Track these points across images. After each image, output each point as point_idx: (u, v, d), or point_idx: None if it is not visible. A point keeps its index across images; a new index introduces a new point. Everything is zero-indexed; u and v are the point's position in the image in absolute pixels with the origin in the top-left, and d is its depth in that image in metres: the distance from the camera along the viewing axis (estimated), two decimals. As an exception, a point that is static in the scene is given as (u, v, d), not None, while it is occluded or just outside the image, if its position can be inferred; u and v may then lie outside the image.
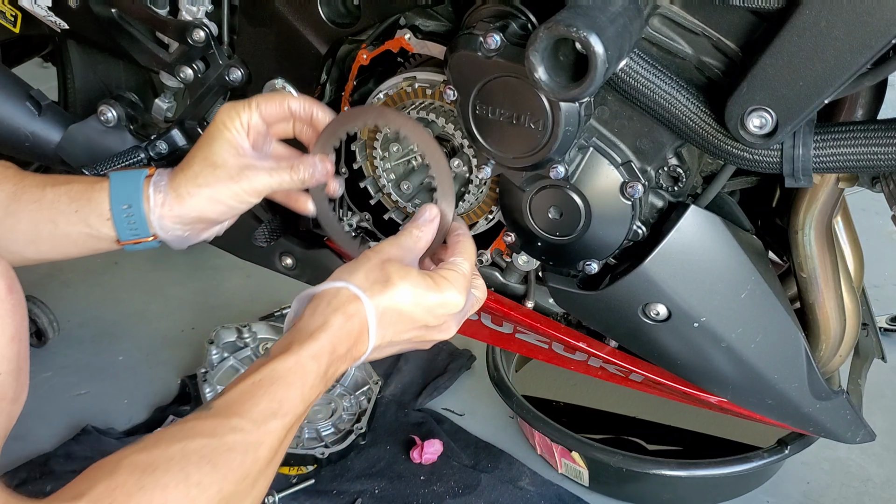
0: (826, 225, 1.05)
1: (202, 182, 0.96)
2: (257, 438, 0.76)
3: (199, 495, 0.70)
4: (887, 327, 1.88)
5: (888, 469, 1.53)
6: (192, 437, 0.73)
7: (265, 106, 0.98)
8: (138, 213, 0.96)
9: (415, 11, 1.07)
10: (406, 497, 1.48)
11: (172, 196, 0.97)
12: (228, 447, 0.74)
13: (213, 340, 1.72)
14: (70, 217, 0.96)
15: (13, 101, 1.31)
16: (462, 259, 0.95)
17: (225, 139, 0.97)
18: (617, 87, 0.93)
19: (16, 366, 0.80)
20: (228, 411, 0.77)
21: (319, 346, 0.84)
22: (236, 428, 0.75)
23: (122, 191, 0.96)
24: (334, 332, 0.85)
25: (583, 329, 1.20)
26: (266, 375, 0.80)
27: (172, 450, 0.72)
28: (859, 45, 0.79)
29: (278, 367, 0.81)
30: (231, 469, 0.73)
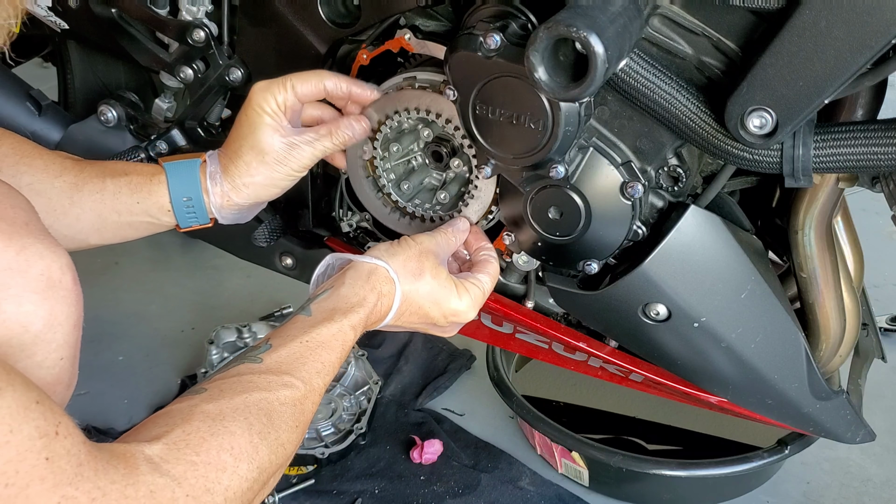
0: (826, 225, 1.05)
1: (254, 171, 1.02)
2: (304, 394, 0.85)
3: (259, 442, 0.78)
4: (887, 327, 1.88)
5: (888, 469, 1.53)
6: (251, 391, 0.81)
7: (300, 86, 1.01)
8: (198, 205, 1.04)
9: (415, 11, 1.07)
10: (406, 497, 1.48)
11: (229, 187, 1.03)
12: (281, 402, 0.82)
13: (213, 340, 1.72)
14: (132, 208, 1.03)
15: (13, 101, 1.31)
16: (488, 279, 1.05)
17: (266, 125, 1.00)
18: (617, 87, 0.93)
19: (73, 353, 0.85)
20: (279, 369, 0.85)
21: (358, 318, 0.94)
22: (288, 384, 0.84)
23: (180, 185, 1.03)
24: (370, 308, 0.95)
25: (583, 329, 1.20)
26: (313, 338, 0.89)
27: (236, 401, 0.79)
28: (859, 45, 0.79)
29: (323, 332, 0.90)
30: (283, 420, 0.81)
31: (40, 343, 0.80)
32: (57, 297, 0.81)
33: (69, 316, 0.82)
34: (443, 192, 1.12)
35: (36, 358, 0.80)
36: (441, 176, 1.14)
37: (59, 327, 0.81)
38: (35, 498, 0.62)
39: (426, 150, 1.12)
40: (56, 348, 0.82)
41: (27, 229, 0.80)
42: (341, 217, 1.26)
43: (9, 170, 0.99)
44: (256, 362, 0.85)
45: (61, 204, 1.01)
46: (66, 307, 0.82)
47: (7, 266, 0.77)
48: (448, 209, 1.12)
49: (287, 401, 0.83)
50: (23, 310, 0.78)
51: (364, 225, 1.26)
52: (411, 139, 1.12)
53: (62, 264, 0.81)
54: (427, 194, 1.15)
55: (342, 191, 1.24)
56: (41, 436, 0.63)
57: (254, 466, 0.77)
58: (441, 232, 1.06)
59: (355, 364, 1.70)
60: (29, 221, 0.81)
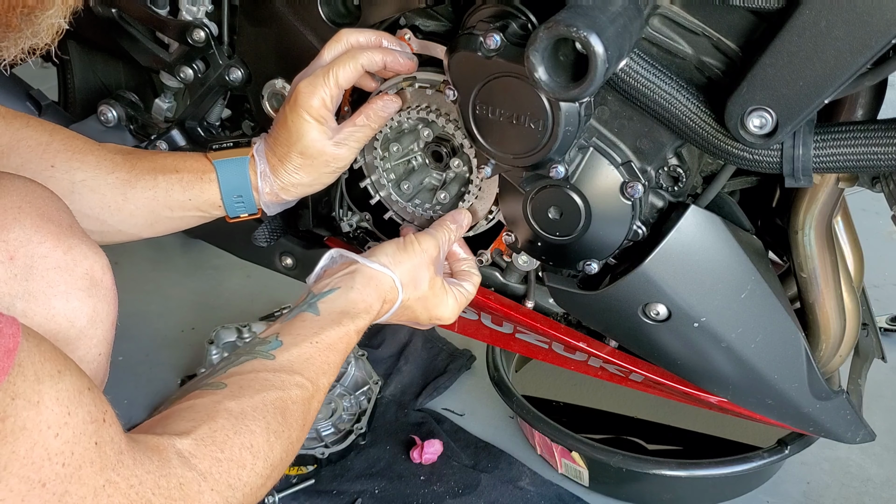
0: (826, 225, 1.05)
1: (303, 174, 1.04)
2: (311, 393, 0.88)
3: (275, 441, 0.81)
4: (887, 327, 1.88)
5: (888, 469, 1.53)
6: (267, 389, 0.84)
7: (342, 76, 1.01)
8: (248, 201, 1.07)
9: (415, 11, 1.07)
10: (406, 497, 1.48)
11: (279, 187, 1.05)
12: (293, 400, 0.85)
13: (213, 340, 1.72)
14: (185, 204, 1.06)
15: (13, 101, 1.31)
16: (472, 289, 1.10)
17: (314, 130, 1.01)
18: (617, 87, 0.93)
19: (109, 350, 0.89)
20: (292, 368, 0.88)
21: (363, 323, 0.97)
22: (299, 385, 0.87)
23: (230, 183, 1.05)
24: (374, 315, 0.99)
25: (583, 329, 1.20)
26: (322, 340, 0.92)
27: (255, 400, 0.82)
28: (859, 45, 0.79)
29: (332, 335, 0.93)
30: (295, 419, 0.85)
31: (83, 338, 0.84)
32: (99, 296, 0.85)
33: (108, 314, 0.87)
34: (443, 192, 1.12)
35: (78, 353, 0.84)
36: (441, 176, 1.14)
37: (101, 324, 0.86)
38: (86, 479, 0.65)
39: (426, 150, 1.12)
40: (96, 344, 0.86)
41: (72, 231, 0.84)
42: (341, 217, 1.26)
43: (62, 165, 1.01)
44: (269, 359, 0.88)
45: (115, 200, 1.03)
46: (107, 305, 0.86)
47: (56, 265, 0.81)
48: (448, 209, 1.12)
49: (298, 400, 0.86)
50: (70, 306, 0.82)
51: (364, 225, 1.26)
52: (411, 139, 1.12)
53: (103, 265, 0.86)
54: (427, 194, 1.15)
55: (342, 191, 1.24)
56: (92, 420, 0.66)
57: (268, 464, 0.80)
58: (443, 230, 1.08)
59: (355, 364, 1.70)
60: (72, 224, 0.85)
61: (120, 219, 1.04)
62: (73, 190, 1.01)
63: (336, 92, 1.01)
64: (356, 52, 1.01)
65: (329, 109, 1.01)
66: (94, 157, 1.03)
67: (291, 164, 1.04)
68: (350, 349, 0.96)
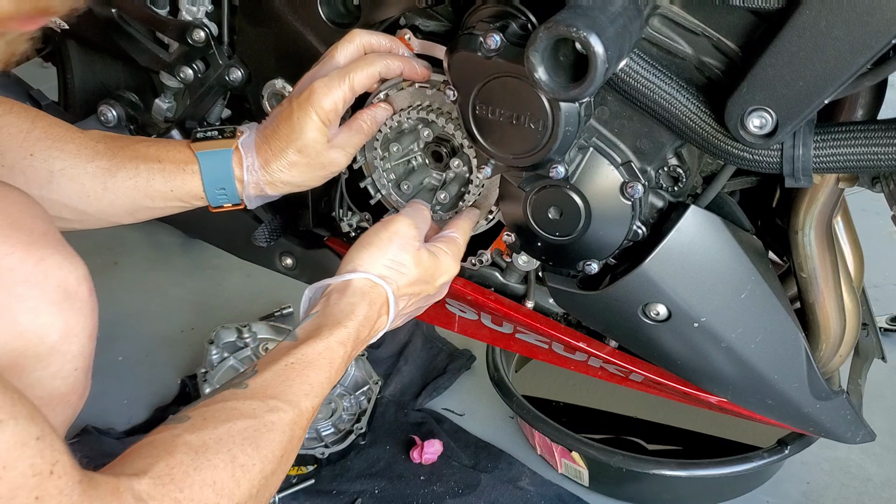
0: (826, 225, 1.05)
1: (296, 172, 1.02)
2: (292, 419, 0.82)
3: (242, 476, 0.75)
4: (887, 327, 1.88)
5: (888, 469, 1.53)
6: (235, 419, 0.78)
7: (358, 81, 0.99)
8: (231, 192, 1.03)
9: (415, 11, 1.07)
10: (406, 497, 1.48)
11: (265, 182, 1.02)
12: (268, 428, 0.79)
13: (213, 340, 1.72)
14: (166, 195, 1.03)
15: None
16: (458, 234, 1.05)
17: (317, 130, 0.99)
18: (617, 87, 0.93)
19: (88, 364, 0.85)
20: (265, 393, 0.82)
21: (347, 332, 0.91)
22: (274, 409, 0.81)
23: (213, 175, 1.02)
24: (359, 320, 0.92)
25: (583, 329, 1.20)
26: (298, 359, 0.86)
27: (219, 430, 0.76)
28: (859, 45, 0.79)
29: (309, 352, 0.87)
30: (271, 449, 0.79)
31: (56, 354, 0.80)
32: (73, 309, 0.81)
33: (84, 327, 0.83)
34: (443, 192, 1.11)
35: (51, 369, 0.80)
36: (441, 176, 1.14)
37: (75, 338, 0.81)
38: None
39: (426, 150, 1.12)
40: (71, 359, 0.82)
41: (45, 240, 0.80)
42: (341, 217, 1.26)
43: (42, 154, 0.99)
44: (241, 388, 0.82)
45: (94, 190, 1.01)
46: (82, 318, 0.82)
47: (25, 278, 0.76)
48: (448, 209, 1.12)
49: (275, 427, 0.80)
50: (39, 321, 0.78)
51: (364, 225, 1.26)
52: (411, 139, 1.12)
53: (79, 276, 0.82)
54: (427, 194, 1.15)
55: (342, 191, 1.24)
56: (35, 474, 0.62)
57: (234, 502, 0.75)
58: (414, 206, 1.06)
59: (355, 364, 1.70)
60: (47, 231, 0.81)
61: (100, 208, 1.02)
62: (52, 179, 0.99)
63: (350, 96, 0.99)
64: (374, 59, 1.00)
65: (338, 114, 1.00)
66: (75, 146, 1.00)
67: (286, 159, 1.01)
68: (338, 363, 0.89)
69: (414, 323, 1.84)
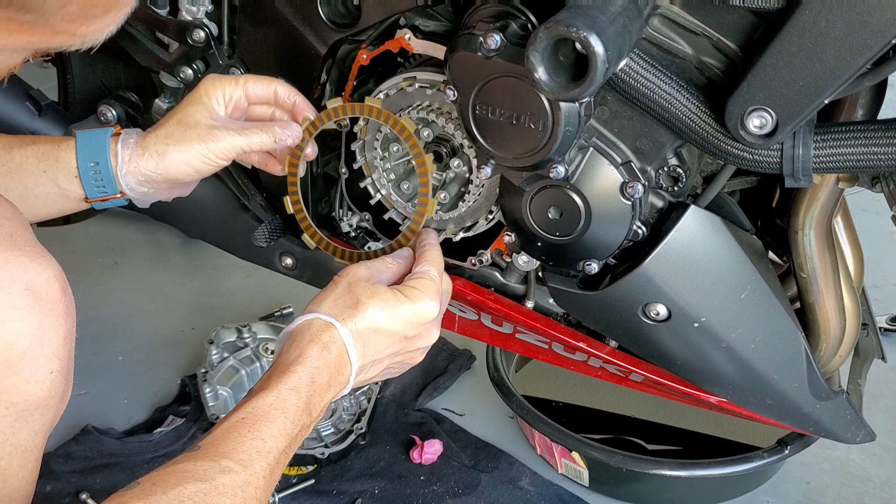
0: (826, 225, 1.05)
1: (171, 142, 0.97)
2: (245, 479, 0.77)
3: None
4: (887, 327, 1.88)
5: (888, 469, 1.53)
6: (185, 483, 0.74)
7: (252, 85, 1.01)
8: (105, 170, 0.97)
9: (415, 11, 1.07)
10: (406, 497, 1.48)
11: (139, 153, 0.98)
12: (219, 491, 0.75)
13: (213, 340, 1.71)
14: (39, 178, 0.97)
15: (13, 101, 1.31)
16: (430, 266, 0.98)
17: (202, 103, 0.99)
18: (617, 87, 0.93)
19: (66, 365, 0.82)
20: (216, 452, 0.78)
21: (297, 378, 0.85)
22: (226, 470, 0.76)
23: (88, 147, 0.97)
24: (311, 364, 0.87)
25: (583, 329, 1.20)
26: (249, 413, 0.82)
27: (169, 496, 0.73)
28: (859, 45, 0.79)
29: (260, 405, 0.83)
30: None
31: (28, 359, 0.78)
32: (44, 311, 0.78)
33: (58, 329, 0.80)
34: (443, 192, 1.11)
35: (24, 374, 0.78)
36: (441, 176, 1.14)
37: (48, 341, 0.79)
38: None
39: (426, 150, 1.12)
40: (45, 363, 0.80)
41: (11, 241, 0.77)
42: (341, 217, 1.26)
43: None
44: (194, 450, 0.79)
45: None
46: (54, 320, 0.80)
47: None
48: (448, 209, 1.12)
49: (226, 490, 0.75)
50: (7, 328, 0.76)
51: (364, 225, 1.26)
52: (411, 139, 1.12)
53: (48, 276, 0.79)
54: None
55: (342, 191, 1.24)
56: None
57: None
58: (376, 260, 1.01)
59: (355, 364, 1.69)
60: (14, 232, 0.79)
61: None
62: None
63: (239, 94, 1.00)
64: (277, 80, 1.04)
65: (225, 99, 1.00)
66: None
67: (163, 129, 0.98)
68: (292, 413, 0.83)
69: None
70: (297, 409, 0.84)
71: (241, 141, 0.99)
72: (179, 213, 1.36)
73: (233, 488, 0.76)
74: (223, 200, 1.32)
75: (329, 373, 0.89)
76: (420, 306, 0.94)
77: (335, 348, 0.89)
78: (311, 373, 0.87)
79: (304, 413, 0.85)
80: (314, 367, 0.87)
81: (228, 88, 1.00)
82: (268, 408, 0.82)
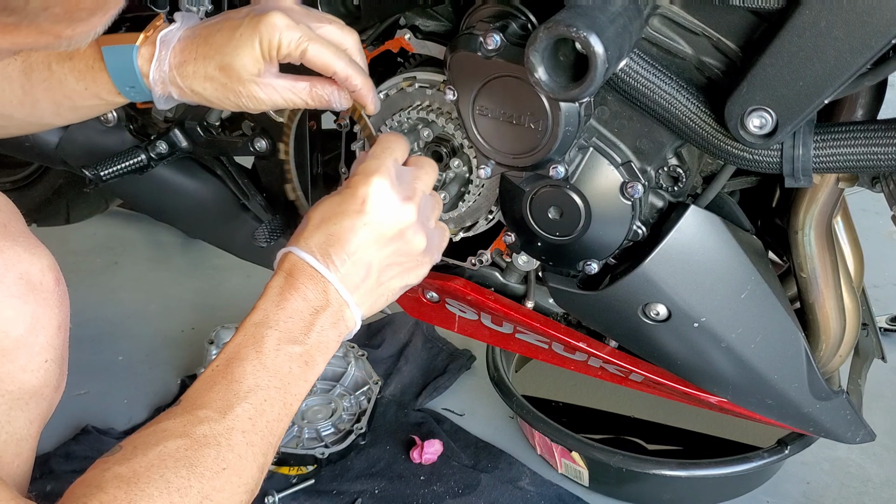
0: (826, 225, 1.05)
1: (210, 87, 0.92)
2: (227, 426, 0.75)
3: (180, 501, 0.70)
4: (887, 327, 1.88)
5: (888, 469, 1.53)
6: (165, 440, 0.73)
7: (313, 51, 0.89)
8: (142, 90, 0.94)
9: (415, 11, 1.07)
10: (406, 497, 1.48)
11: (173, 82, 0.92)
12: (200, 443, 0.73)
13: (213, 340, 1.71)
14: (82, 93, 0.95)
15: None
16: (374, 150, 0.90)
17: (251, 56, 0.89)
18: (617, 87, 0.93)
19: (60, 354, 0.83)
20: (193, 404, 0.76)
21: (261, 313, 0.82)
22: (204, 419, 0.74)
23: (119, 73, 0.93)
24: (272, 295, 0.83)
25: (583, 329, 1.20)
26: (220, 360, 0.80)
27: (150, 456, 0.71)
28: (859, 45, 0.79)
29: (228, 348, 0.81)
30: (206, 466, 0.73)
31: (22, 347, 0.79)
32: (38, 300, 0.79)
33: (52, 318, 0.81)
34: (443, 192, 1.11)
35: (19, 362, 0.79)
36: (441, 176, 1.14)
37: (42, 330, 0.80)
38: None
39: (426, 150, 1.12)
40: (40, 351, 0.80)
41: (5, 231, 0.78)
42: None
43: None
44: (175, 406, 0.77)
45: (15, 94, 0.96)
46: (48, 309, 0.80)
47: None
48: (448, 209, 1.12)
49: (208, 441, 0.73)
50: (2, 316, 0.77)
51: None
52: (411, 139, 1.12)
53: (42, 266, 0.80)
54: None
55: (342, 191, 1.24)
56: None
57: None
58: None
59: (355, 364, 1.69)
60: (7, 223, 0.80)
61: (24, 111, 0.97)
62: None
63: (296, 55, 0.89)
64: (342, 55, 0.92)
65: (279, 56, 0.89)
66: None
67: (204, 70, 0.90)
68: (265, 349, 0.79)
69: (414, 323, 1.84)
70: (271, 340, 0.80)
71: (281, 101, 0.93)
72: (179, 213, 1.36)
73: (215, 437, 0.74)
74: (223, 200, 1.32)
75: (304, 300, 0.83)
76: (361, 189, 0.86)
77: (300, 272, 0.84)
78: (277, 301, 0.83)
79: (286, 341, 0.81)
80: (278, 296, 0.83)
81: (286, 47, 0.88)
82: (236, 348, 0.80)
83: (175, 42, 0.92)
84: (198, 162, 1.32)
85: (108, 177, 1.22)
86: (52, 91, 0.95)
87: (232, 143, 1.25)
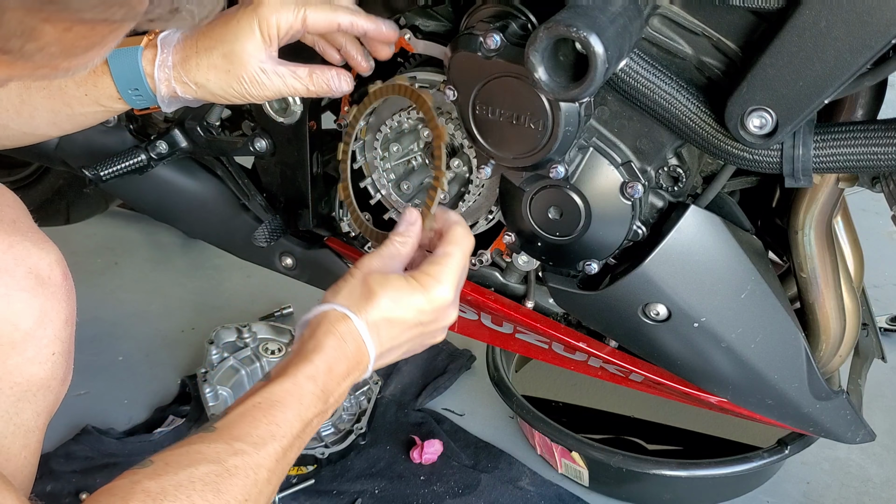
0: (826, 225, 1.05)
1: (213, 77, 0.94)
2: (257, 461, 0.78)
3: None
4: (887, 327, 1.88)
5: (888, 469, 1.53)
6: (197, 463, 0.75)
7: (312, 18, 0.93)
8: (146, 93, 0.96)
9: (415, 11, 1.07)
10: (406, 497, 1.48)
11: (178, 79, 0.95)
12: (231, 472, 0.76)
13: (213, 340, 1.72)
14: (82, 100, 0.97)
15: None
16: (453, 247, 0.95)
17: (252, 42, 0.92)
18: (617, 87, 0.93)
19: (67, 348, 0.84)
20: (230, 434, 0.79)
21: (314, 367, 0.86)
22: (238, 452, 0.77)
23: (123, 76, 0.95)
24: (328, 354, 0.87)
25: (583, 329, 1.20)
26: (265, 398, 0.82)
27: (180, 476, 0.74)
28: (859, 45, 0.79)
29: (276, 390, 0.83)
30: (233, 495, 0.75)
31: (31, 340, 0.81)
32: (47, 294, 0.81)
33: (60, 312, 0.83)
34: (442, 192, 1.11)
35: (27, 354, 0.81)
36: (441, 176, 1.14)
37: (50, 323, 0.81)
38: None
39: (426, 150, 1.12)
40: (48, 344, 0.82)
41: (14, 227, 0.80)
42: (341, 217, 1.26)
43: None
44: (209, 431, 0.80)
45: (12, 103, 0.96)
46: (56, 303, 0.82)
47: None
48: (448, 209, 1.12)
49: (238, 472, 0.77)
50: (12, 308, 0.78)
51: (364, 225, 1.26)
52: (411, 139, 1.12)
53: (51, 261, 0.81)
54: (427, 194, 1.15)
55: (342, 191, 1.24)
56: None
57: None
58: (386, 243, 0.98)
59: (355, 364, 1.69)
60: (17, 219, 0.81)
61: (22, 121, 0.98)
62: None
63: (299, 27, 0.93)
64: (339, 9, 0.95)
65: (279, 35, 0.93)
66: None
67: (208, 60, 0.93)
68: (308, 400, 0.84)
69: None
70: (312, 395, 0.85)
71: (285, 90, 0.96)
72: (179, 213, 1.36)
73: (244, 469, 0.77)
74: (223, 200, 1.32)
75: (347, 362, 0.89)
76: (432, 294, 0.92)
77: (352, 339, 0.89)
78: (329, 362, 0.87)
79: (321, 400, 0.86)
80: (332, 357, 0.88)
81: (285, 23, 0.92)
82: (284, 394, 0.83)
83: (175, 42, 0.95)
84: (198, 162, 1.33)
85: (108, 177, 1.22)
86: (51, 98, 0.97)
87: (232, 143, 1.25)
